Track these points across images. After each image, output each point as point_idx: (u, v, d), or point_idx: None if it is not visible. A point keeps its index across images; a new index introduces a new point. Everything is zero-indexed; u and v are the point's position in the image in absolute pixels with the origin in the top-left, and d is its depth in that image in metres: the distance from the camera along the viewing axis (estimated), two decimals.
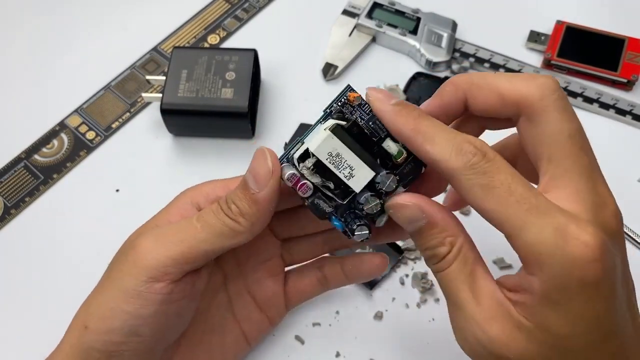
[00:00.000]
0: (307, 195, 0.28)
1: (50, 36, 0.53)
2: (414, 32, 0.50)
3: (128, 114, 0.49)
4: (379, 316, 0.40)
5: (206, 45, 0.53)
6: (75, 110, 0.50)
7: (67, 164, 0.47)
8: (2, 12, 0.55)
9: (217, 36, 0.53)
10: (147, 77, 0.49)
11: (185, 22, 0.54)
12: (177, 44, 0.53)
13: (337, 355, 0.39)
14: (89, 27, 0.54)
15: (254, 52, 0.47)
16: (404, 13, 0.51)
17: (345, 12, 0.53)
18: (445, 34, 0.50)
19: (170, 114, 0.45)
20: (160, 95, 0.45)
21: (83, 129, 0.49)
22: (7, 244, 0.44)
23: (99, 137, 0.48)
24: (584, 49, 0.49)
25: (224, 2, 0.55)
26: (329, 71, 0.50)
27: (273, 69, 0.51)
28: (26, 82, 0.51)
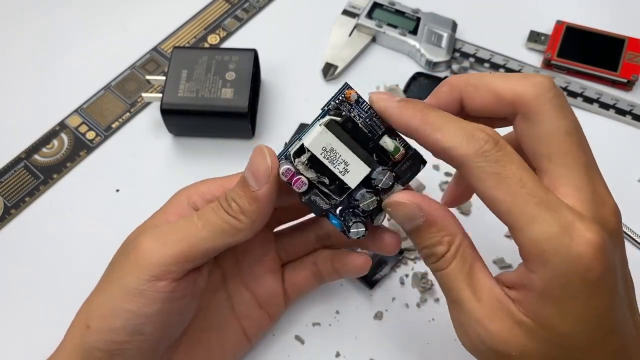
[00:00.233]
0: (302, 191, 0.28)
1: (50, 36, 0.53)
2: (414, 32, 0.50)
3: (128, 114, 0.49)
4: (379, 316, 0.40)
5: (206, 45, 0.53)
6: (75, 110, 0.50)
7: (67, 164, 0.47)
8: (2, 13, 0.55)
9: (217, 36, 0.53)
10: (147, 77, 0.49)
11: (185, 22, 0.54)
12: (177, 44, 0.53)
13: (337, 355, 0.39)
14: (89, 27, 0.54)
15: (254, 52, 0.47)
16: (404, 13, 0.51)
17: (345, 12, 0.53)
18: (445, 34, 0.50)
19: (170, 114, 0.45)
20: (160, 95, 0.45)
21: (83, 129, 0.49)
22: (7, 244, 0.44)
23: (99, 137, 0.48)
24: (584, 49, 0.49)
25: (224, 2, 0.55)
26: (329, 71, 0.50)
27: (273, 69, 0.51)
28: (26, 82, 0.51)
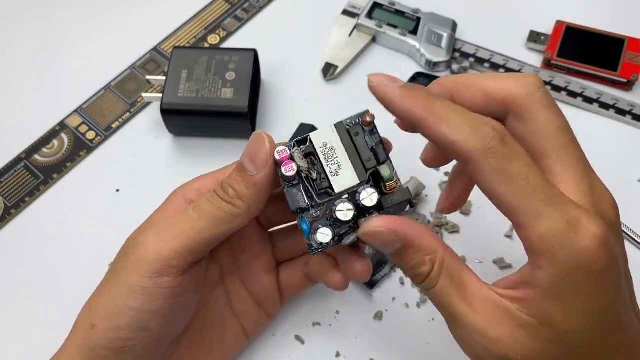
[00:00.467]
0: (289, 175, 0.27)
1: (50, 36, 0.53)
2: (414, 32, 0.50)
3: (128, 114, 0.49)
4: (379, 316, 0.40)
5: (206, 45, 0.53)
6: (76, 110, 0.50)
7: (67, 164, 0.47)
8: (2, 13, 0.55)
9: (217, 36, 0.53)
10: (147, 77, 0.49)
11: (185, 22, 0.54)
12: (177, 44, 0.53)
13: (337, 355, 0.39)
14: (89, 27, 0.54)
15: (254, 52, 0.47)
16: (404, 13, 0.51)
17: (345, 12, 0.53)
18: (445, 34, 0.50)
19: (170, 114, 0.45)
20: (160, 95, 0.45)
21: (83, 129, 0.49)
22: (7, 244, 0.44)
23: (99, 137, 0.48)
24: (584, 49, 0.49)
25: (224, 2, 0.55)
26: (329, 71, 0.50)
27: (273, 69, 0.51)
28: (26, 82, 0.51)
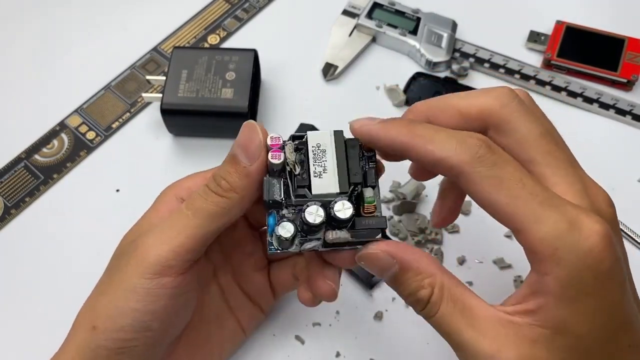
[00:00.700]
0: (275, 162, 0.27)
1: (50, 36, 0.53)
2: (414, 32, 0.50)
3: (128, 114, 0.49)
4: (379, 316, 0.40)
5: (206, 45, 0.53)
6: (76, 110, 0.50)
7: (67, 164, 0.47)
8: (2, 13, 0.55)
9: (217, 36, 0.53)
10: (147, 77, 0.49)
11: (185, 22, 0.54)
12: (177, 44, 0.53)
13: (337, 355, 0.39)
14: (89, 27, 0.54)
15: (254, 52, 0.47)
16: (404, 13, 0.51)
17: (345, 12, 0.53)
18: (445, 34, 0.50)
19: (170, 114, 0.45)
20: (160, 95, 0.45)
21: (83, 129, 0.49)
22: (7, 244, 0.44)
23: (99, 137, 0.48)
24: (583, 49, 0.49)
25: (224, 2, 0.55)
26: (329, 71, 0.50)
27: (273, 69, 0.51)
28: (26, 82, 0.51)
